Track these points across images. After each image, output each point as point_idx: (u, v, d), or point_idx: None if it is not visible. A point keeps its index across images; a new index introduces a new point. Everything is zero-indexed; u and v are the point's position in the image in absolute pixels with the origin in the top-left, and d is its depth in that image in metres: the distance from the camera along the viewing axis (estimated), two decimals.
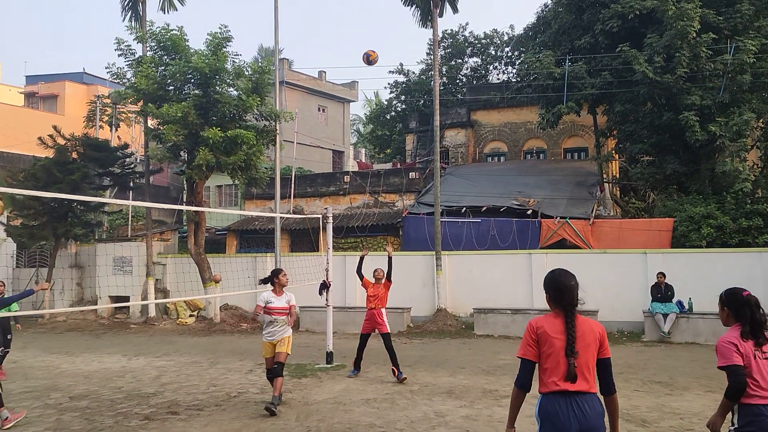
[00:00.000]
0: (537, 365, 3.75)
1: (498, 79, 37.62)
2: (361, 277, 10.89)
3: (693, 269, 15.81)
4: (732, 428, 3.95)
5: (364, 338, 10.63)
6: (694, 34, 17.74)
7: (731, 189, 17.89)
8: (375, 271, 10.81)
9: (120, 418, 7.91)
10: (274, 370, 8.15)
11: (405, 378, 9.99)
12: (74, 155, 21.89)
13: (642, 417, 7.66)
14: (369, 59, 16.90)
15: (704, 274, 15.67)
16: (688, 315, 14.76)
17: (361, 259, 11.21)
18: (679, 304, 14.80)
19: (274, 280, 8.52)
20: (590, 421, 3.56)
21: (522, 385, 3.78)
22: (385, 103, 41.80)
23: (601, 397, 3.71)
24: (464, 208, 20.88)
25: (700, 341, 14.40)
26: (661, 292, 14.82)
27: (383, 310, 10.52)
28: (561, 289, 3.75)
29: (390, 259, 10.77)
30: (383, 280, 10.64)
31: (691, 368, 11.20)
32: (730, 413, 3.98)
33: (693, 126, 17.57)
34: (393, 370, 10.15)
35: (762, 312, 3.97)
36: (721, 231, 16.98)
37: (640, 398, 8.72)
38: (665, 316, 14.62)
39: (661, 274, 14.94)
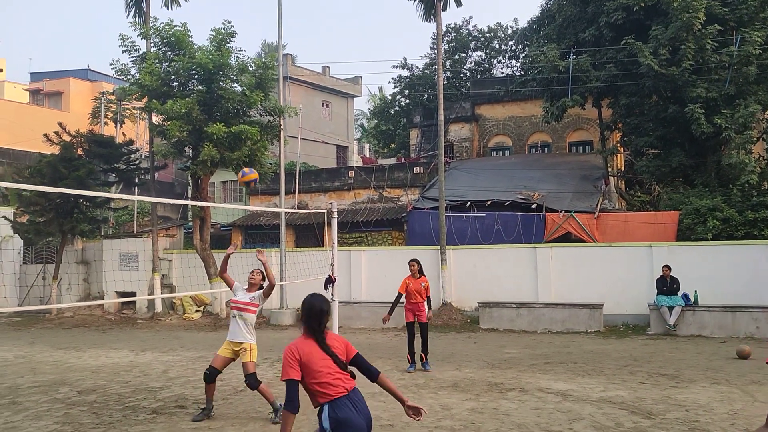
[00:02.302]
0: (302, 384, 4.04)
1: (502, 72, 37.56)
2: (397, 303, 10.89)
3: (699, 262, 15.77)
4: None
5: (411, 327, 10.77)
6: (700, 26, 17.65)
7: (737, 181, 17.82)
8: (410, 263, 10.91)
9: (128, 412, 7.97)
10: (249, 383, 7.47)
11: (430, 370, 10.35)
12: (79, 152, 21.97)
13: (648, 409, 7.67)
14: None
15: (710, 267, 15.64)
16: (694, 308, 14.74)
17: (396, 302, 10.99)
18: (685, 297, 14.78)
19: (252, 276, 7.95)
20: (367, 413, 4.08)
21: (294, 407, 4.00)
22: (389, 97, 41.79)
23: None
24: (469, 203, 20.87)
25: (705, 334, 14.39)
26: (667, 285, 14.80)
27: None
28: (311, 316, 4.13)
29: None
30: (420, 274, 10.80)
31: (697, 361, 11.20)
32: None
33: (699, 118, 17.49)
34: (423, 356, 10.58)
35: None
36: (727, 224, 16.92)
37: (646, 390, 8.73)
38: (671, 309, 14.60)
39: (667, 267, 14.92)
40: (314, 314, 4.13)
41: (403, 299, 10.83)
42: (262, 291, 7.77)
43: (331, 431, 3.93)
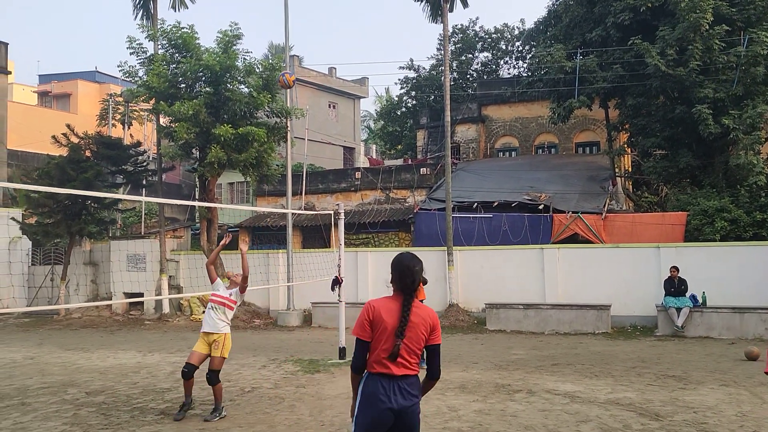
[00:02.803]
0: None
1: (509, 73, 37.53)
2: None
3: (706, 263, 15.71)
4: None
5: None
6: (707, 27, 17.59)
7: (745, 182, 17.74)
8: None
9: (136, 413, 8.00)
10: (209, 378, 7.61)
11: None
12: (87, 153, 22.08)
13: (656, 411, 7.64)
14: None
15: (718, 268, 15.57)
16: (702, 309, 14.68)
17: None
18: (693, 298, 14.72)
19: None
20: (406, 403, 3.71)
21: (356, 368, 3.83)
22: (396, 99, 41.79)
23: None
24: (476, 204, 20.85)
25: (713, 335, 14.33)
26: (675, 286, 14.75)
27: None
28: (402, 273, 3.85)
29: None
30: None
31: (705, 362, 11.15)
32: None
33: (706, 119, 17.42)
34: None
35: None
36: (735, 224, 16.84)
37: (654, 392, 8.70)
38: (678, 310, 14.55)
39: (675, 268, 14.87)
40: (406, 272, 3.84)
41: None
42: (237, 287, 8.06)
43: (360, 399, 3.78)
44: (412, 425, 3.81)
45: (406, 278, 3.83)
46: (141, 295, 20.64)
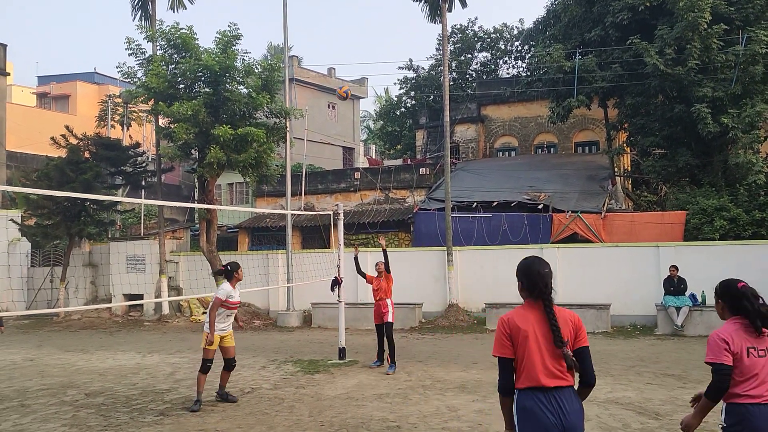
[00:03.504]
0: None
1: (508, 73, 37.52)
2: (363, 275, 11.51)
3: (706, 262, 15.70)
4: (720, 426, 3.84)
5: (378, 329, 11.12)
6: (706, 26, 17.59)
7: (744, 181, 17.74)
8: (376, 264, 11.35)
9: (135, 414, 8.00)
10: (231, 365, 8.58)
11: (392, 373, 10.29)
12: (86, 155, 22.07)
13: (655, 410, 7.64)
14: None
15: (717, 267, 15.52)
16: (701, 308, 14.68)
17: (356, 259, 11.73)
18: (692, 297, 14.72)
19: (234, 274, 8.44)
20: (569, 417, 3.36)
21: (504, 390, 3.53)
22: (395, 99, 41.78)
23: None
24: (475, 204, 20.85)
25: None
26: (674, 285, 14.75)
27: (388, 301, 11.02)
28: (534, 278, 3.55)
29: (384, 251, 11.17)
30: (384, 272, 11.15)
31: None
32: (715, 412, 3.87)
33: (705, 118, 17.43)
34: (387, 358, 10.65)
35: (762, 302, 3.79)
36: (734, 223, 16.84)
37: (653, 391, 8.70)
38: (678, 309, 14.55)
39: (674, 268, 14.86)
40: (536, 276, 3.53)
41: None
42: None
43: (517, 418, 3.47)
44: None
45: (539, 283, 3.53)
46: (140, 296, 20.64)
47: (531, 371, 3.40)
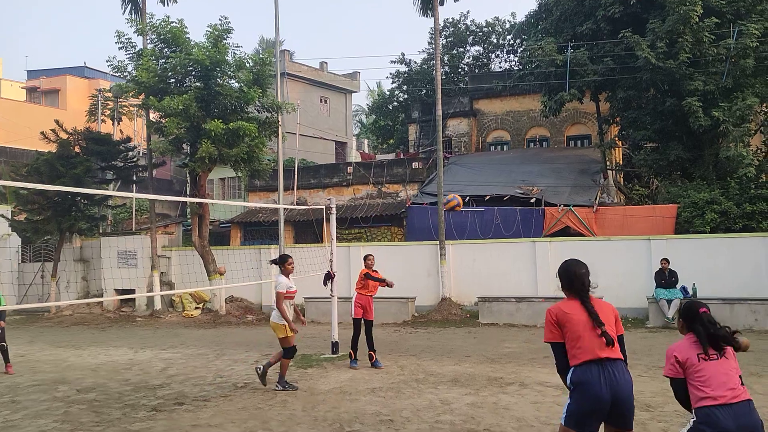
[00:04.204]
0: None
1: (500, 67, 37.53)
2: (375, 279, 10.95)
3: (697, 255, 15.79)
4: (691, 421, 3.85)
5: (357, 323, 10.71)
6: (697, 19, 17.62)
7: (735, 174, 17.82)
8: (366, 258, 11.05)
9: (128, 409, 7.97)
10: (292, 353, 8.85)
11: (382, 367, 10.30)
12: (77, 149, 21.93)
13: (646, 402, 7.69)
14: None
15: (708, 260, 15.66)
16: (692, 300, 14.76)
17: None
18: (683, 290, 14.80)
19: (283, 266, 8.85)
20: (621, 386, 3.82)
21: (562, 370, 4.01)
22: (387, 93, 41.70)
23: None
24: (468, 198, 20.83)
25: None
26: (665, 278, 14.82)
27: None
28: (571, 278, 4.15)
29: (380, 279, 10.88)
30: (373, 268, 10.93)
31: None
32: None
33: (696, 112, 17.48)
34: (371, 354, 10.53)
35: (718, 326, 3.91)
36: (725, 216, 16.93)
37: (644, 383, 8.75)
38: (669, 302, 14.62)
39: (665, 261, 14.94)
40: (574, 277, 4.14)
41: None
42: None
43: (571, 390, 3.93)
44: (628, 411, 3.89)
45: (576, 283, 4.13)
46: (132, 291, 20.56)
47: (583, 346, 3.90)
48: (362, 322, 10.63)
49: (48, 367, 11.46)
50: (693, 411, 3.79)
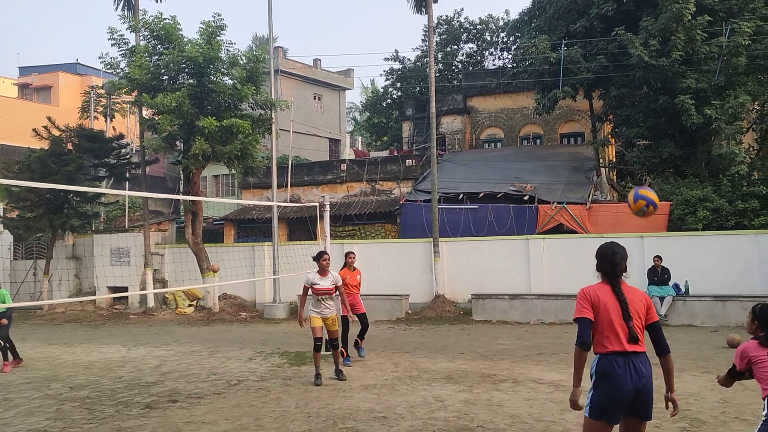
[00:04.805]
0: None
1: (494, 64, 37.53)
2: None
3: (689, 252, 15.87)
4: (764, 417, 4.19)
5: (345, 320, 10.64)
6: (690, 17, 17.69)
7: (727, 172, 17.91)
8: (348, 255, 11.22)
9: (121, 407, 7.95)
10: (332, 345, 9.13)
11: (363, 357, 10.71)
12: (69, 146, 21.82)
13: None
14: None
15: (700, 257, 15.74)
16: (685, 298, 14.84)
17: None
18: (676, 287, 14.88)
19: (320, 262, 9.02)
20: (643, 380, 3.91)
21: (583, 343, 3.97)
22: (381, 90, 41.66)
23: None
24: (461, 195, 20.89)
25: (696, 323, 14.50)
26: (658, 275, 14.89)
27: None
28: (606, 261, 4.20)
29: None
30: (354, 266, 11.15)
31: (688, 350, 11.28)
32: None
33: (689, 109, 17.55)
34: (357, 340, 10.87)
35: None
36: (717, 214, 17.02)
37: None
38: (662, 299, 14.70)
39: (658, 258, 15.01)
40: (606, 258, 4.19)
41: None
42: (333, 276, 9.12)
43: (595, 380, 3.99)
44: (648, 403, 3.99)
45: (607, 266, 4.18)
46: (125, 289, 20.49)
47: (611, 337, 3.94)
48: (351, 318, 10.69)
49: (40, 364, 11.42)
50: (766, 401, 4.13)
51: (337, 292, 9.17)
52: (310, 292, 9.00)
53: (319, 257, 9.06)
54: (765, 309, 4.42)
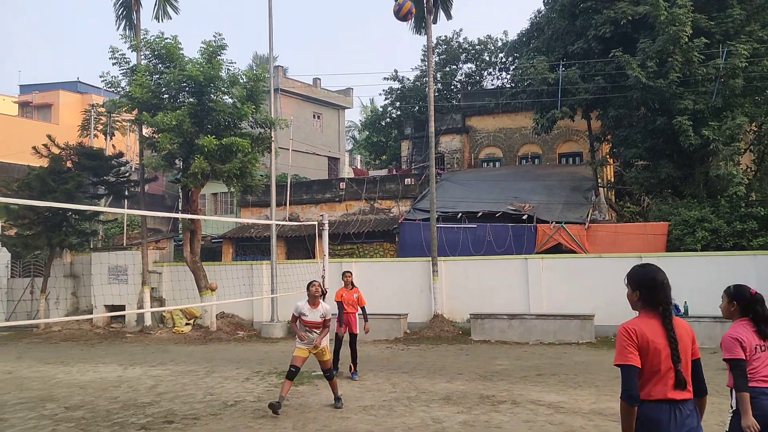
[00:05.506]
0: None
1: (492, 84, 37.74)
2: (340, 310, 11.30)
3: (688, 273, 15.82)
4: (731, 411, 4.14)
5: (339, 337, 11.33)
6: (687, 39, 17.84)
7: (725, 192, 17.96)
8: (344, 274, 11.60)
9: (116, 428, 7.87)
10: (327, 376, 8.68)
11: (357, 379, 10.77)
12: (69, 164, 21.84)
13: None
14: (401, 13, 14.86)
15: (699, 278, 15.69)
16: (683, 318, 14.79)
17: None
18: (675, 307, 14.78)
19: (308, 291, 8.68)
20: (690, 430, 3.41)
21: (630, 398, 3.33)
22: (381, 109, 41.87)
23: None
24: (460, 214, 20.90)
25: None
26: None
27: (357, 315, 11.42)
28: (658, 288, 3.50)
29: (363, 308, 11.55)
30: (353, 285, 11.49)
31: None
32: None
33: (686, 130, 17.64)
34: (351, 366, 10.99)
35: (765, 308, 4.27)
36: (715, 234, 17.03)
37: None
38: None
39: None
40: (657, 286, 3.48)
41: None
42: (322, 306, 8.64)
43: (637, 426, 3.37)
44: None
45: (660, 294, 3.49)
46: (123, 307, 20.40)
47: (658, 383, 3.36)
48: (345, 336, 11.25)
49: (36, 384, 11.32)
50: (735, 393, 4.07)
51: (330, 320, 8.89)
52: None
53: (308, 286, 8.74)
54: (740, 287, 4.38)
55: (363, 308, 11.51)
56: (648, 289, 3.51)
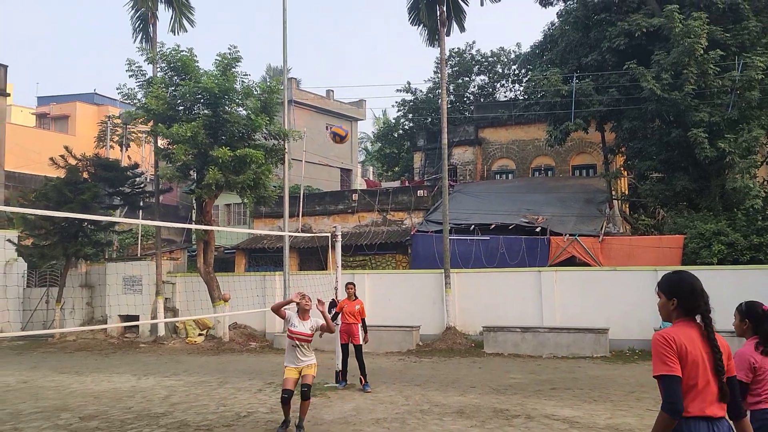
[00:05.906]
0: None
1: (505, 96, 37.73)
2: (335, 313, 11.34)
3: (704, 287, 15.65)
4: None
5: (345, 348, 11.47)
6: (702, 51, 17.77)
7: (742, 205, 17.78)
8: (347, 286, 11.68)
9: None
10: (303, 393, 7.89)
11: (370, 391, 10.75)
12: (85, 175, 22.07)
13: None
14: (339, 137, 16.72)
15: (715, 292, 15.29)
16: None
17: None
18: None
19: (299, 303, 8.26)
20: None
21: (674, 410, 3.10)
22: (393, 121, 41.98)
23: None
24: (473, 226, 20.85)
25: None
26: None
27: (359, 326, 11.45)
28: (697, 295, 3.28)
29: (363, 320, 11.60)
30: (355, 296, 11.56)
31: None
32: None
33: (702, 143, 17.53)
34: (361, 378, 11.00)
35: None
36: (732, 248, 16.85)
37: (654, 417, 8.57)
38: None
39: None
40: (697, 293, 3.27)
41: (338, 320, 11.29)
42: (320, 325, 8.17)
43: None
44: None
45: (701, 302, 3.28)
46: (137, 317, 20.50)
47: (696, 398, 3.14)
48: (349, 347, 11.37)
49: (51, 393, 11.38)
50: (750, 413, 3.80)
51: (310, 340, 8.26)
52: (287, 333, 8.30)
53: (300, 299, 8.28)
54: (751, 304, 4.30)
55: (363, 320, 11.55)
56: (686, 297, 3.29)
